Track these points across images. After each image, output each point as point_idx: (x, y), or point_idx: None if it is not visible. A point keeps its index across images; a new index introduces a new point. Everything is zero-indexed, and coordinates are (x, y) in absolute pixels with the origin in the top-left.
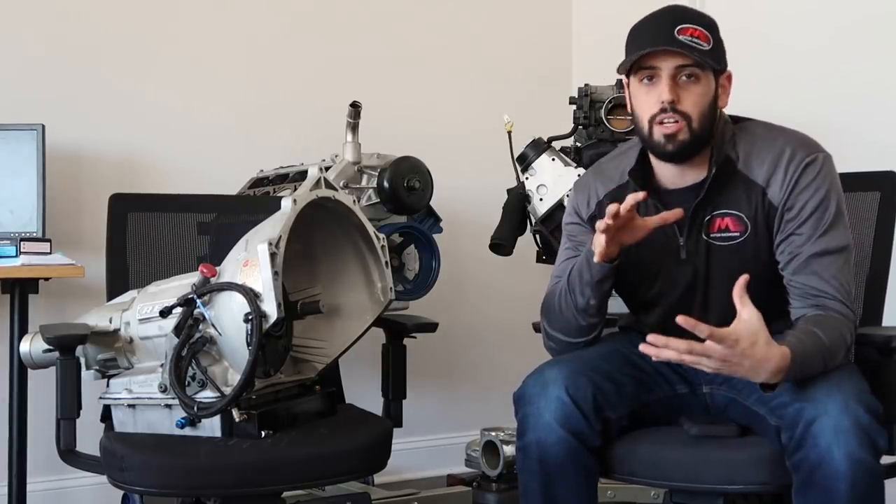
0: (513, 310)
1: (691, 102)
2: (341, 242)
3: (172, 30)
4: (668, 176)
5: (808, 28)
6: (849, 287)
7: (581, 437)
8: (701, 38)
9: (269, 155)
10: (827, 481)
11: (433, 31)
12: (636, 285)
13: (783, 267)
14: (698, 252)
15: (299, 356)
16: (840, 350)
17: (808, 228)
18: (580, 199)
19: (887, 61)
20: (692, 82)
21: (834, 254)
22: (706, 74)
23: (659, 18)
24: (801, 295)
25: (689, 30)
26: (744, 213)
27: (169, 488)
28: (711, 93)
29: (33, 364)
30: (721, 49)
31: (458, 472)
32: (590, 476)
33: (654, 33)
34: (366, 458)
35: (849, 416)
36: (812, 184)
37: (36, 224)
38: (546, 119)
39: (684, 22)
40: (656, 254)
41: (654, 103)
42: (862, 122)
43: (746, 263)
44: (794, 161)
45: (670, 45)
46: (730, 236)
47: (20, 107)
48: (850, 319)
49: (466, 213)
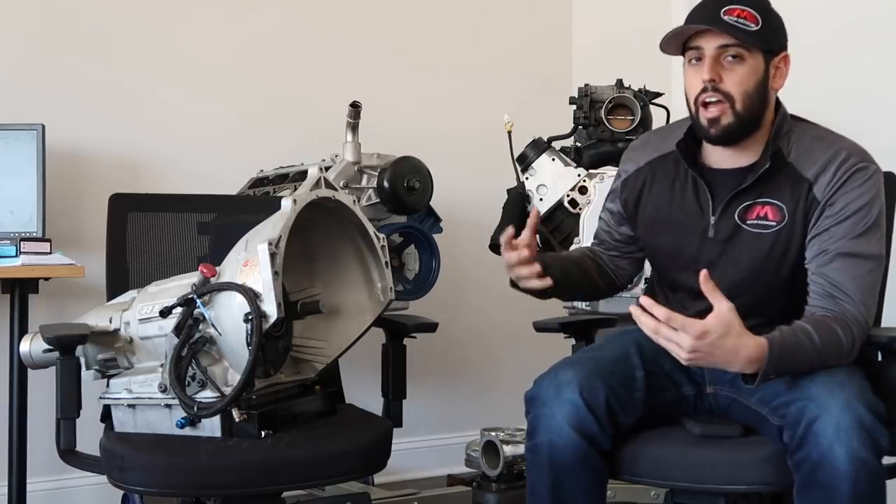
0: (513, 310)
1: (734, 82)
2: (341, 242)
3: (173, 30)
4: (714, 155)
5: (807, 28)
6: (869, 292)
7: (593, 441)
8: (748, 18)
9: (269, 155)
10: (828, 480)
11: (433, 31)
12: (659, 262)
13: (809, 260)
14: (728, 235)
15: (299, 356)
16: (834, 351)
17: (843, 228)
18: (626, 163)
19: (887, 61)
20: (736, 62)
21: (862, 258)
22: (753, 55)
23: (709, 2)
24: (819, 292)
25: (736, 10)
26: (785, 205)
27: (169, 488)
28: (759, 74)
29: (33, 364)
30: (774, 30)
31: (458, 472)
32: (599, 478)
33: (702, 14)
34: (366, 458)
35: (851, 415)
36: (859, 188)
37: (36, 224)
38: (546, 119)
39: (732, 3)
40: (685, 230)
41: (698, 83)
42: (861, 122)
43: (773, 255)
44: (847, 164)
45: (712, 24)
46: (766, 224)
47: (20, 107)
48: (858, 323)
49: (466, 213)
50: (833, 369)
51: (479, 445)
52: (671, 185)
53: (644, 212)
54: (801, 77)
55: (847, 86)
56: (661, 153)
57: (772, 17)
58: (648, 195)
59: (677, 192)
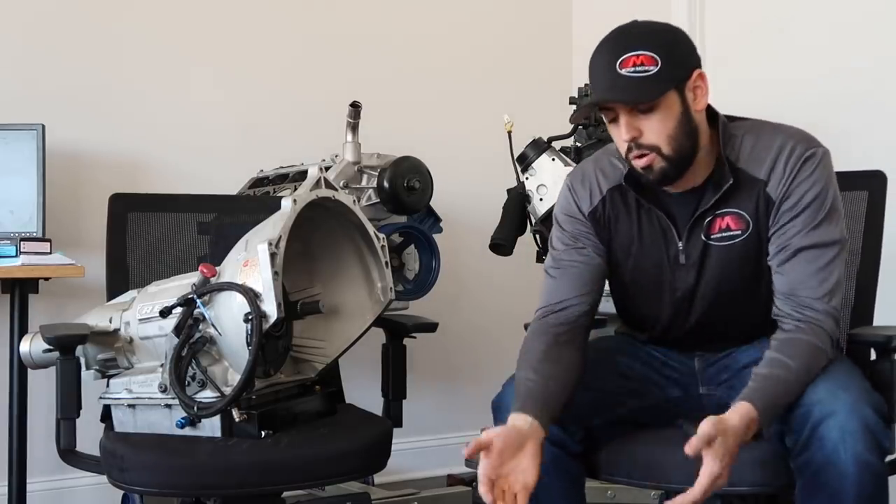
0: (513, 310)
1: (654, 132)
2: (341, 242)
3: (173, 31)
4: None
5: (807, 28)
6: (834, 282)
7: (560, 445)
8: (646, 62)
9: (269, 155)
10: (833, 483)
11: (433, 30)
12: (634, 297)
13: (772, 257)
14: (698, 255)
15: (299, 356)
16: (814, 362)
17: (801, 221)
18: (581, 191)
19: (882, 61)
20: (650, 113)
21: (824, 247)
22: (664, 97)
23: (604, 51)
24: (783, 291)
25: (631, 59)
26: (744, 211)
27: (169, 488)
28: (677, 110)
29: (33, 364)
30: (677, 59)
31: (458, 472)
32: (574, 480)
33: (601, 72)
34: (366, 458)
35: (856, 417)
36: (810, 177)
37: (36, 224)
38: (546, 119)
39: (626, 51)
40: (656, 261)
41: (621, 142)
42: (852, 121)
43: (746, 263)
44: (794, 155)
45: (614, 90)
46: (731, 235)
47: (20, 107)
48: (827, 321)
49: (466, 213)
50: (832, 369)
51: None
52: (632, 219)
53: (615, 248)
54: (796, 79)
55: (840, 86)
56: (613, 184)
57: (672, 47)
58: (615, 230)
59: (642, 225)
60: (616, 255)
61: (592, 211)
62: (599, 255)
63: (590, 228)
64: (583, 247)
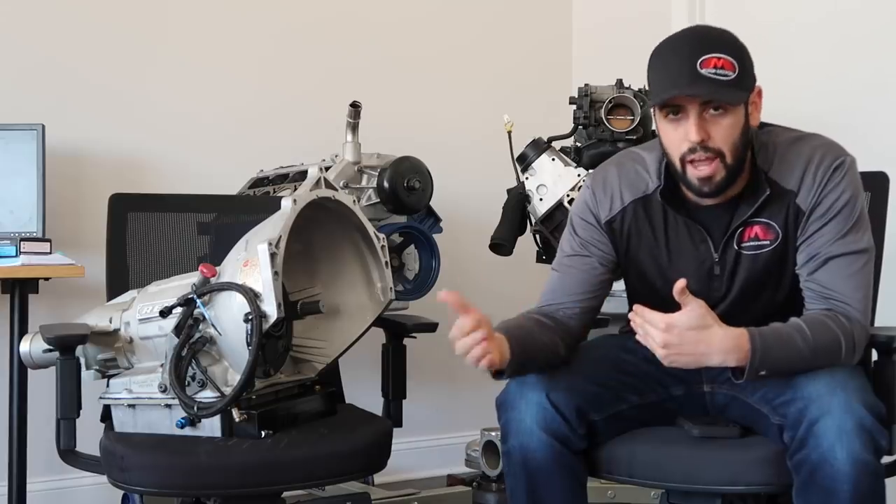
0: (513, 310)
1: (722, 137)
2: (341, 242)
3: (173, 30)
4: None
5: (807, 28)
6: (864, 290)
7: (564, 441)
8: (726, 66)
9: (269, 155)
10: (829, 482)
11: (433, 31)
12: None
13: (800, 266)
14: (731, 266)
15: (299, 356)
16: (831, 350)
17: (830, 229)
18: (602, 198)
19: (884, 62)
20: (720, 115)
21: (853, 255)
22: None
23: (680, 50)
24: (814, 297)
25: (713, 60)
26: (774, 221)
27: (169, 488)
28: (742, 120)
29: (33, 364)
30: (748, 69)
31: (458, 472)
32: (576, 478)
33: (678, 69)
34: (366, 458)
35: (852, 416)
36: (839, 185)
37: (36, 224)
38: (546, 119)
39: (707, 52)
40: (687, 273)
41: (683, 141)
42: (854, 122)
43: (769, 272)
44: (823, 165)
45: (694, 87)
46: (759, 245)
47: (20, 107)
48: (858, 322)
49: (466, 213)
50: (835, 368)
51: (479, 445)
52: (658, 232)
53: (637, 260)
54: (797, 81)
55: (843, 87)
56: (646, 193)
57: (745, 56)
58: (636, 244)
59: (669, 238)
60: (638, 266)
61: (610, 220)
62: (604, 265)
63: (603, 237)
64: (588, 255)
